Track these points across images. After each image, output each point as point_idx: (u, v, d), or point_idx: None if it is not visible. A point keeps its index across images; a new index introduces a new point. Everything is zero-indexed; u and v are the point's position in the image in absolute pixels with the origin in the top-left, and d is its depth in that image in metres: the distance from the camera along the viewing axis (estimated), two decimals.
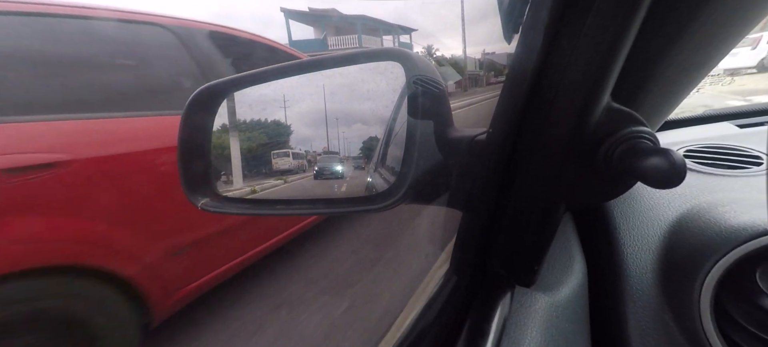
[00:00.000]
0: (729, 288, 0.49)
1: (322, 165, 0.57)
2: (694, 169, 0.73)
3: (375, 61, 0.48)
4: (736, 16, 0.41)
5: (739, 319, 0.48)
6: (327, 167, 0.56)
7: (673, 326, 0.54)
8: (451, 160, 0.45)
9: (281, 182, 0.58)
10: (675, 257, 0.55)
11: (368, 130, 0.50)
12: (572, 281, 0.54)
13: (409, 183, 0.44)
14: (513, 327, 0.48)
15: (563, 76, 0.35)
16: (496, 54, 54.36)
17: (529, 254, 0.49)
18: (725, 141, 0.83)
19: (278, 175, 0.58)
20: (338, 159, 0.54)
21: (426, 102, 0.44)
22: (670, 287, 0.54)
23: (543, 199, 0.44)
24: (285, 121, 0.55)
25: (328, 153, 0.55)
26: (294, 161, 0.56)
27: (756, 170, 0.69)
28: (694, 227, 0.55)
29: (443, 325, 0.54)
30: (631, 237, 0.60)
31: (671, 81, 0.49)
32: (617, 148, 0.37)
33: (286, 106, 0.54)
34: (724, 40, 0.46)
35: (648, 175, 0.33)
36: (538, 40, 0.35)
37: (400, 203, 0.45)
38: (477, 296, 0.53)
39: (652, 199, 0.65)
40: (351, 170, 0.54)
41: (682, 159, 0.32)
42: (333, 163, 0.55)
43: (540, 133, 0.40)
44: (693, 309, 0.50)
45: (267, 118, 0.56)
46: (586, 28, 0.32)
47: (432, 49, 55.28)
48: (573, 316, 0.54)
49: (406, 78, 0.44)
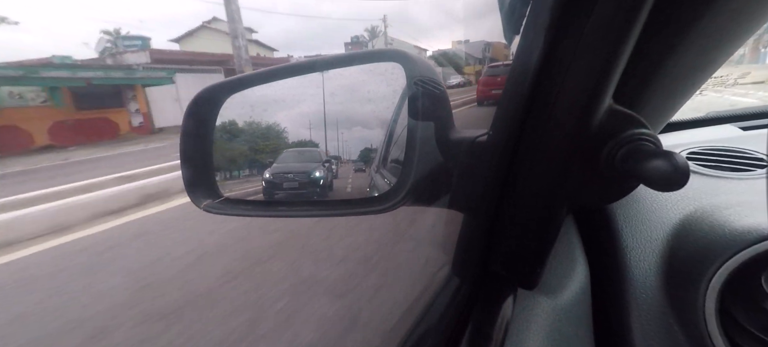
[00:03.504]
0: (734, 292, 0.48)
1: (281, 169, 0.47)
2: (698, 172, 0.72)
3: (375, 62, 0.48)
4: (739, 19, 0.41)
5: (745, 323, 0.48)
6: (285, 173, 0.47)
7: (678, 330, 0.53)
8: (452, 161, 0.45)
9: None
10: (679, 260, 0.55)
11: (369, 132, 0.50)
12: (575, 284, 0.53)
13: (410, 184, 0.44)
14: (516, 330, 0.47)
15: (565, 78, 0.35)
16: (470, 43, 48.23)
17: (531, 256, 0.49)
18: (728, 143, 0.82)
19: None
20: (313, 155, 0.46)
21: (426, 103, 0.44)
22: (674, 290, 0.54)
23: (545, 201, 0.44)
24: (282, 122, 0.52)
25: (298, 146, 0.46)
26: (334, 168, 0.52)
27: (760, 173, 0.68)
28: (697, 230, 0.55)
29: (445, 328, 0.54)
30: (634, 239, 0.60)
31: (674, 83, 0.49)
32: (620, 150, 0.37)
33: (285, 108, 0.54)
34: (727, 43, 0.45)
35: (651, 177, 0.32)
36: (539, 41, 0.35)
37: (400, 205, 0.45)
38: (479, 298, 0.53)
39: (655, 202, 0.64)
40: (333, 171, 0.47)
41: (685, 161, 0.31)
42: (302, 162, 0.47)
43: (542, 134, 0.39)
44: (698, 313, 0.49)
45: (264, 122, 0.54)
46: (587, 29, 0.32)
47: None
48: (576, 319, 0.53)
49: (406, 79, 0.44)
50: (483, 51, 47.33)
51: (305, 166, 0.51)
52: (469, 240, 0.53)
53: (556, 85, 0.36)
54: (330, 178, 0.52)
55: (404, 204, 0.45)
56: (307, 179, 0.51)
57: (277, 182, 0.50)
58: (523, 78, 0.38)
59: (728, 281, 0.47)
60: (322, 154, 0.50)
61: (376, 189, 0.50)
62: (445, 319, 0.55)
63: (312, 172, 0.51)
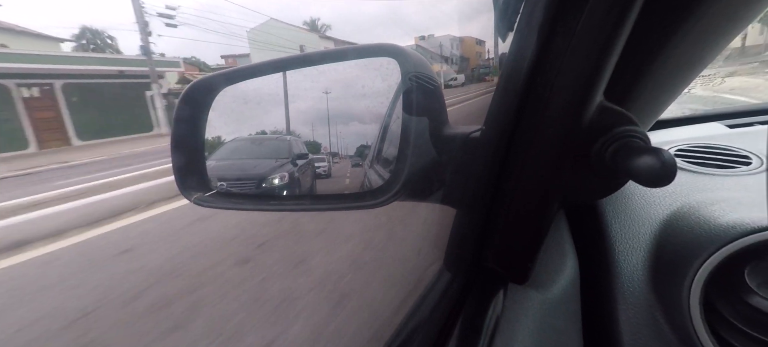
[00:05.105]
0: (718, 285, 0.50)
1: (221, 169, 0.32)
2: (685, 168, 0.74)
3: (369, 57, 0.48)
4: (726, 17, 0.42)
5: (728, 316, 0.49)
6: (224, 176, 0.32)
7: (664, 322, 0.54)
8: (445, 157, 0.45)
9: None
10: (665, 255, 0.56)
11: (364, 127, 0.49)
12: (565, 278, 0.54)
13: (404, 180, 0.44)
14: (506, 323, 0.48)
15: (558, 75, 0.36)
16: (434, 38, 43.96)
17: (522, 251, 0.49)
18: (715, 140, 0.84)
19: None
20: (276, 148, 0.33)
21: (421, 98, 0.44)
22: (660, 284, 0.55)
23: (537, 197, 0.44)
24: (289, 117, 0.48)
25: (258, 136, 0.33)
26: (325, 164, 0.48)
27: (744, 169, 0.70)
28: (684, 225, 0.56)
29: (436, 321, 0.55)
30: (623, 235, 0.61)
31: (663, 80, 0.50)
32: (610, 147, 0.37)
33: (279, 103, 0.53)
34: (715, 41, 0.46)
35: (639, 174, 0.33)
36: (533, 38, 0.35)
37: (393, 200, 0.45)
38: (470, 292, 0.53)
39: (644, 197, 0.66)
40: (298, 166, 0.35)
41: (672, 158, 0.32)
42: (258, 158, 0.34)
43: (534, 130, 0.40)
44: (683, 306, 0.50)
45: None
46: (580, 27, 0.32)
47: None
48: (565, 313, 0.54)
49: (401, 74, 0.44)
50: (450, 48, 44.46)
51: (258, 165, 0.39)
52: (462, 236, 0.53)
53: (549, 82, 0.36)
54: (309, 177, 0.43)
55: (398, 199, 0.45)
56: (254, 185, 0.38)
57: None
58: (517, 75, 0.38)
59: (712, 275, 0.49)
60: (294, 145, 0.39)
61: (370, 184, 0.51)
62: (436, 313, 0.56)
63: (267, 177, 0.38)
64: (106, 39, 33.56)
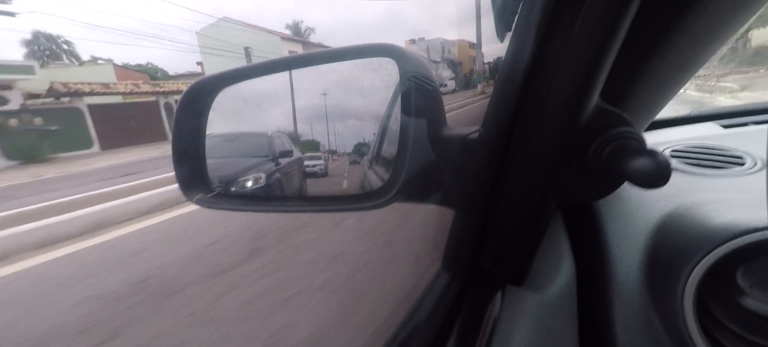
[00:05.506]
0: (712, 286, 0.50)
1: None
2: (680, 169, 0.74)
3: (368, 57, 0.48)
4: (722, 17, 0.42)
5: (721, 318, 0.49)
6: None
7: (658, 324, 0.55)
8: (443, 158, 0.45)
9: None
10: (660, 256, 0.56)
11: (362, 127, 0.49)
12: (561, 280, 0.54)
13: (402, 181, 0.44)
14: (503, 324, 0.48)
15: (555, 75, 0.36)
16: (424, 41, 43.25)
17: (520, 252, 0.49)
18: (710, 141, 0.84)
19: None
20: (255, 145, 0.30)
21: (419, 99, 0.44)
22: (655, 286, 0.55)
23: (534, 197, 0.44)
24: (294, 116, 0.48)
25: (232, 133, 0.29)
26: (322, 162, 0.47)
27: (739, 170, 0.70)
28: (678, 227, 0.56)
29: (434, 322, 0.55)
30: (619, 236, 0.61)
31: (659, 81, 0.50)
32: (606, 148, 0.38)
33: (278, 103, 0.53)
34: (711, 41, 0.46)
35: (634, 176, 0.33)
36: (530, 38, 0.36)
37: (392, 201, 0.45)
38: (468, 294, 0.53)
39: (640, 199, 0.66)
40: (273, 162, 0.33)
41: (667, 160, 0.32)
42: (232, 157, 0.30)
43: (532, 131, 0.40)
44: (677, 308, 0.51)
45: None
46: (577, 27, 0.33)
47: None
48: (562, 314, 0.55)
49: (399, 75, 0.44)
50: (440, 52, 43.84)
51: (227, 165, 0.35)
52: (460, 237, 0.53)
53: (547, 82, 0.36)
54: (296, 177, 0.39)
55: (396, 201, 0.45)
56: (222, 188, 0.34)
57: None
58: (515, 75, 0.38)
59: (706, 276, 0.49)
60: (276, 142, 0.37)
61: (370, 185, 0.51)
62: (434, 315, 0.56)
63: (237, 179, 0.34)
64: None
